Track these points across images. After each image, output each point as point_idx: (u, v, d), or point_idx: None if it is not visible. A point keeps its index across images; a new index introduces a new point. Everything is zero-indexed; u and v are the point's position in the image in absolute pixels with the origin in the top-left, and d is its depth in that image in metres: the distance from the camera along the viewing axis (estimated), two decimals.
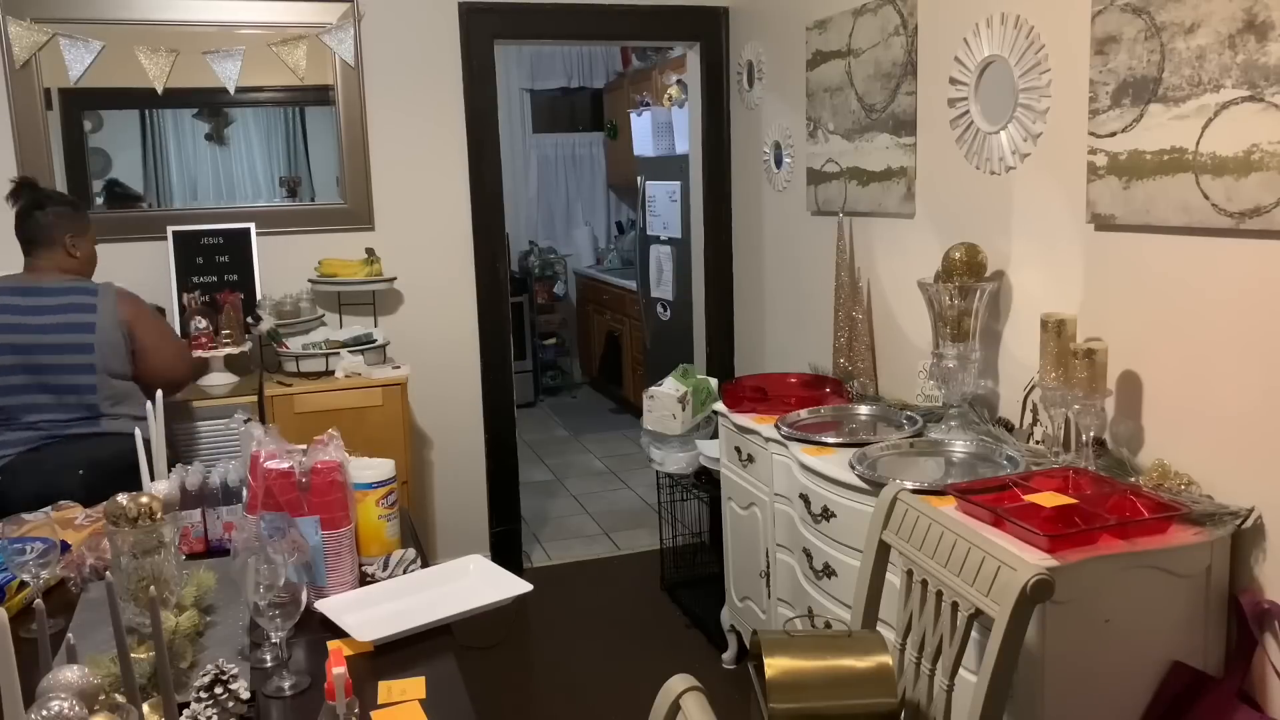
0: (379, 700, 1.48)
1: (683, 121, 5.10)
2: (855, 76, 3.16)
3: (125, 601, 1.55)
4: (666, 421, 3.47)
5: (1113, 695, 1.84)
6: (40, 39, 3.40)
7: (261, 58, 3.62)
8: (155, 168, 3.82)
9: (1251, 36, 1.80)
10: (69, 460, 2.53)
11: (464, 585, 1.88)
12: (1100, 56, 2.15)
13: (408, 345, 3.82)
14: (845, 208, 3.25)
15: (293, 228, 3.75)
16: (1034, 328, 2.28)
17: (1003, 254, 2.54)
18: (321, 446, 1.86)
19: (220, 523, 2.06)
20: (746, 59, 3.98)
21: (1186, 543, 1.84)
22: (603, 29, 4.22)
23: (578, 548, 4.44)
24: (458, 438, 4.05)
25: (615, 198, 7.71)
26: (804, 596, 2.57)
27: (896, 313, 3.05)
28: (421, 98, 3.84)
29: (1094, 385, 2.08)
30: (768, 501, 2.81)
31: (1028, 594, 1.47)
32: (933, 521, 1.74)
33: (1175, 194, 1.97)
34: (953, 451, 2.42)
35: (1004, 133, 2.50)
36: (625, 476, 5.43)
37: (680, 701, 1.26)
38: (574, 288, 7.61)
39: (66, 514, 2.09)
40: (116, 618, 1.27)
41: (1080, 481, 2.05)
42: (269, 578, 1.51)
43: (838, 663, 1.68)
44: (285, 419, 3.27)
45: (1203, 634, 1.90)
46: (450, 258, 3.96)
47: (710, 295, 4.37)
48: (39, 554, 1.69)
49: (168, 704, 1.26)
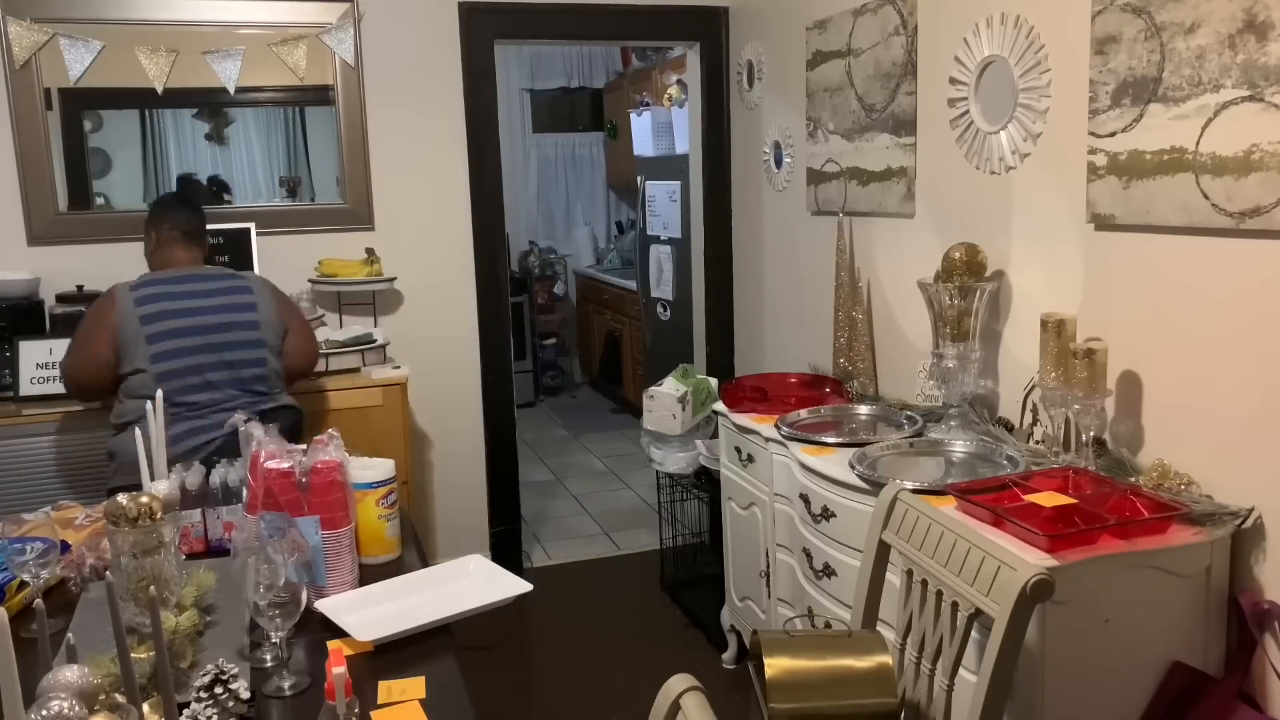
0: (379, 700, 1.48)
1: (683, 121, 5.10)
2: (855, 76, 3.16)
3: (125, 601, 1.55)
4: (666, 421, 3.47)
5: (1113, 695, 1.84)
6: (40, 39, 3.40)
7: (261, 58, 3.62)
8: (155, 168, 3.82)
9: (1251, 36, 1.80)
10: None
11: (464, 585, 1.88)
12: (1100, 56, 2.15)
13: (408, 345, 3.82)
14: (845, 208, 3.25)
15: (293, 228, 3.75)
16: (1034, 328, 2.28)
17: (1003, 254, 2.54)
18: (321, 446, 1.86)
19: (220, 523, 2.06)
20: (746, 59, 3.98)
21: (1186, 543, 1.84)
22: (603, 29, 4.22)
23: (578, 548, 4.44)
24: (458, 438, 4.05)
25: (615, 198, 7.71)
26: (804, 596, 2.57)
27: (896, 313, 3.05)
28: (421, 98, 3.84)
29: (1094, 385, 2.08)
30: (768, 501, 2.81)
31: (1028, 594, 1.47)
32: (933, 521, 1.74)
33: (1175, 194, 1.97)
34: (953, 451, 2.42)
35: (1004, 133, 2.50)
36: (625, 476, 5.43)
37: (680, 701, 1.26)
38: (574, 288, 7.61)
39: (66, 514, 2.09)
40: (116, 618, 1.27)
41: (1080, 481, 2.05)
42: (269, 578, 1.51)
43: (838, 663, 1.68)
44: None
45: (1203, 634, 1.90)
46: (450, 258, 3.96)
47: (710, 295, 4.37)
48: (39, 554, 1.69)
49: (168, 704, 1.26)
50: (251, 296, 2.76)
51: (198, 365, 2.62)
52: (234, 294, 2.74)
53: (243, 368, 2.68)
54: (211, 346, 2.64)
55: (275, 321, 2.78)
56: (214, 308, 2.69)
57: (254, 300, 2.75)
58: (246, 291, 2.76)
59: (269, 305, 2.78)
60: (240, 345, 2.68)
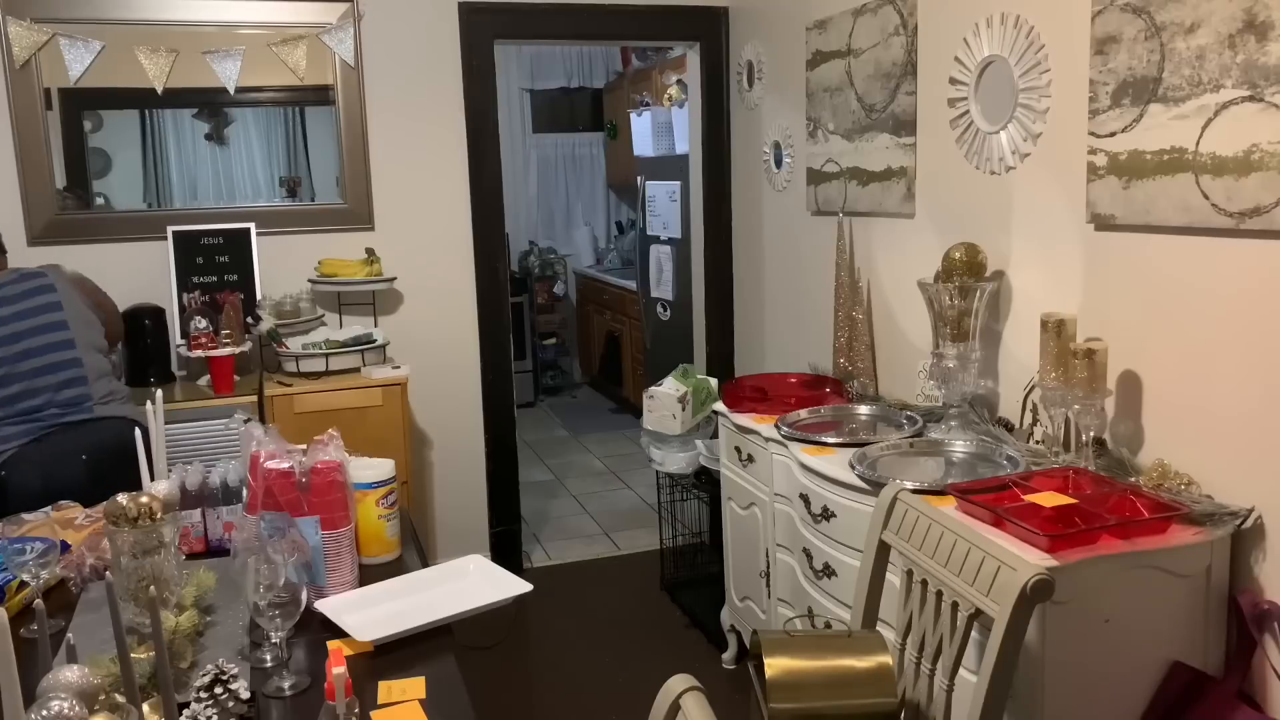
0: (379, 700, 1.48)
1: (683, 121, 5.10)
2: (855, 76, 3.16)
3: (125, 601, 1.55)
4: (666, 421, 3.47)
5: (1113, 695, 1.84)
6: (40, 39, 3.40)
7: (261, 58, 3.62)
8: (155, 168, 3.82)
9: (1251, 36, 1.80)
10: (70, 447, 2.53)
11: (464, 585, 1.88)
12: (1100, 56, 2.15)
13: (408, 345, 3.82)
14: (845, 208, 3.25)
15: (293, 228, 3.75)
16: (1034, 328, 2.28)
17: (1003, 254, 2.54)
18: (321, 446, 1.86)
19: (220, 523, 2.06)
20: (746, 59, 3.98)
21: (1186, 543, 1.84)
22: (603, 29, 4.22)
23: (578, 548, 4.44)
24: (458, 438, 4.05)
25: (615, 198, 7.71)
26: (804, 596, 2.57)
27: (896, 313, 3.05)
28: (421, 97, 3.84)
29: (1094, 385, 2.08)
30: (768, 501, 2.81)
31: (1028, 594, 1.47)
32: (933, 521, 1.74)
33: (1175, 194, 1.97)
34: (953, 451, 2.42)
35: (1004, 133, 2.50)
36: (625, 476, 5.43)
37: (680, 701, 1.26)
38: (574, 288, 7.61)
39: (66, 514, 2.09)
40: (116, 618, 1.27)
41: (1080, 481, 2.05)
42: (269, 578, 1.51)
43: (838, 663, 1.69)
44: (285, 419, 3.27)
45: (1203, 634, 1.90)
46: (450, 258, 3.96)
47: (710, 295, 4.36)
48: (39, 554, 1.69)
49: (168, 704, 1.25)
50: (55, 295, 2.66)
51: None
52: (36, 295, 2.64)
53: (51, 373, 2.59)
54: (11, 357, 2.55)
55: (87, 314, 2.68)
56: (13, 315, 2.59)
57: (58, 299, 2.65)
58: (49, 290, 2.66)
59: (74, 298, 2.69)
60: (48, 350, 2.59)
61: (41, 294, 2.66)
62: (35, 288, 2.67)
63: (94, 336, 2.71)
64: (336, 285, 3.68)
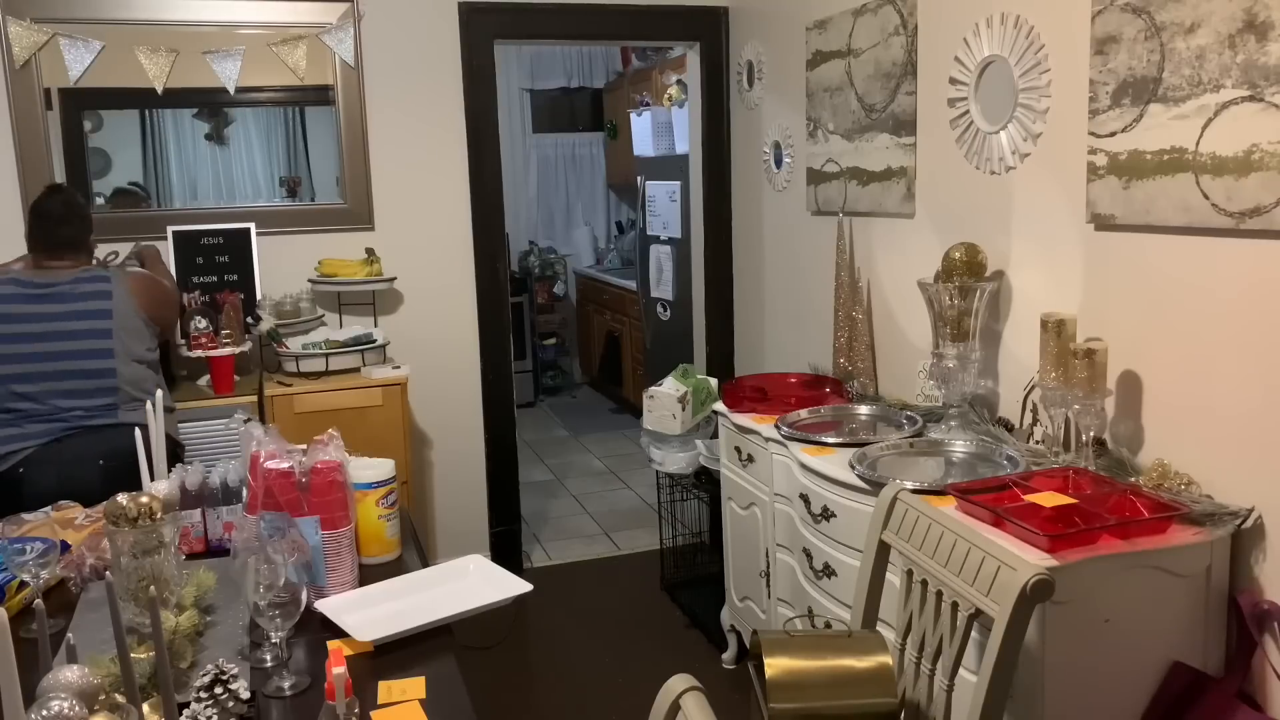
0: (379, 700, 1.48)
1: (683, 121, 5.10)
2: (855, 76, 3.16)
3: (125, 601, 1.55)
4: (666, 421, 3.47)
5: (1113, 695, 1.84)
6: (40, 39, 3.40)
7: (261, 58, 3.62)
8: (155, 168, 3.82)
9: (1251, 36, 1.80)
10: (89, 451, 2.54)
11: (464, 585, 1.88)
12: (1100, 56, 2.15)
13: (408, 345, 3.82)
14: (845, 208, 3.25)
15: (293, 228, 3.75)
16: (1034, 328, 2.28)
17: (1003, 254, 2.54)
18: (321, 446, 1.86)
19: (220, 523, 2.06)
20: (746, 59, 3.98)
21: (1186, 543, 1.84)
22: (603, 29, 4.23)
23: (578, 548, 4.44)
24: (458, 438, 4.05)
25: (615, 198, 7.71)
26: (804, 596, 2.57)
27: (896, 313, 3.05)
28: (421, 97, 3.84)
29: (1094, 385, 2.08)
30: (768, 501, 2.81)
31: (1028, 594, 1.47)
32: (933, 521, 1.74)
33: (1175, 194, 1.97)
34: (953, 451, 2.42)
35: (1004, 133, 2.50)
36: (625, 476, 5.43)
37: (680, 701, 1.26)
38: (574, 288, 7.61)
39: (66, 514, 2.09)
40: (116, 618, 1.27)
41: (1080, 481, 2.05)
42: (269, 578, 1.51)
43: (838, 663, 1.69)
44: (285, 419, 3.27)
45: (1203, 634, 1.90)
46: (450, 258, 3.96)
47: (710, 295, 4.37)
48: (39, 554, 1.69)
49: (168, 704, 1.25)
50: (108, 303, 2.68)
51: (31, 374, 2.58)
52: (90, 299, 2.66)
53: (85, 378, 2.61)
54: (49, 355, 2.59)
55: (136, 325, 2.70)
56: (62, 314, 2.62)
57: (109, 306, 2.68)
58: (104, 296, 2.68)
59: (128, 308, 2.70)
60: (85, 355, 2.62)
61: (96, 299, 2.69)
62: (91, 292, 2.70)
63: (137, 347, 2.72)
64: (336, 285, 3.68)
